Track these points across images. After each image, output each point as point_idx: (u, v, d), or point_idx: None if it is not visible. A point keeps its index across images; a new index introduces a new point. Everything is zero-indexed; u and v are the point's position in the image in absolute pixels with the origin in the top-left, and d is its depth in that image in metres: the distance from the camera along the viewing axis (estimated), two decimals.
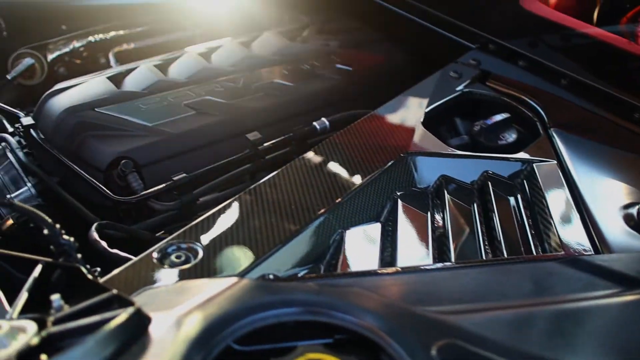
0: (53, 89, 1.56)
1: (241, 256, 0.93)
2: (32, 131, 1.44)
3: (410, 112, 1.39)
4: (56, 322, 0.68)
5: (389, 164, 1.18)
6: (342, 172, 1.16)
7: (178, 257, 0.92)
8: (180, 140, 1.47)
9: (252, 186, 1.11)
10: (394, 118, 1.37)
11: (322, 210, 1.04)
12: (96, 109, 1.47)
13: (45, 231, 0.89)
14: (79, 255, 0.92)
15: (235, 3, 2.37)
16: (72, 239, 0.91)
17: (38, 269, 0.85)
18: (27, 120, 1.45)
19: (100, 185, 1.34)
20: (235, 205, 1.05)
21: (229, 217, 1.02)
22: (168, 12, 2.35)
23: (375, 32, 2.05)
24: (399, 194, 1.14)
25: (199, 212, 1.39)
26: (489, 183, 1.20)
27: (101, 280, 0.87)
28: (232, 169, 1.45)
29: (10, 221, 1.35)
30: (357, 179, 1.14)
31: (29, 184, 1.42)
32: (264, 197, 1.07)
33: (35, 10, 2.05)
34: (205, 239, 0.96)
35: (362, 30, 2.05)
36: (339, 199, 1.07)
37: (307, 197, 1.07)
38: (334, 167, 1.17)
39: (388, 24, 2.06)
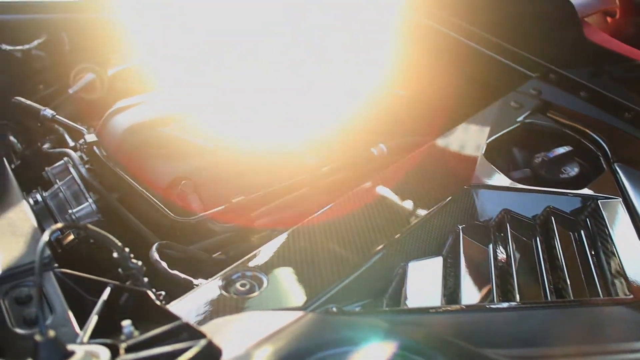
0: (116, 107, 1.59)
1: (305, 287, 0.93)
2: (95, 148, 1.47)
3: (471, 142, 1.38)
4: (128, 350, 0.69)
5: (451, 196, 1.17)
6: (404, 203, 1.15)
7: (243, 285, 0.92)
8: (241, 160, 1.48)
9: (313, 215, 1.11)
10: (455, 148, 1.36)
11: (385, 243, 1.04)
12: (158, 129, 1.49)
13: (115, 254, 0.91)
14: (145, 279, 0.93)
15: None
16: (140, 262, 0.92)
17: (107, 292, 0.87)
18: (90, 137, 1.48)
19: (160, 204, 1.35)
20: (298, 234, 1.05)
21: (292, 246, 1.02)
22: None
23: (432, 56, 2.05)
24: (460, 227, 1.13)
25: (255, 235, 1.41)
26: (552, 219, 1.18)
27: (168, 305, 0.88)
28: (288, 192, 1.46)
29: (71, 236, 1.38)
30: (419, 211, 1.13)
31: (90, 200, 1.45)
32: (325, 227, 1.08)
33: (98, 26, 2.09)
34: (269, 267, 0.96)
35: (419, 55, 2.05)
36: (402, 232, 1.07)
37: (369, 228, 1.07)
38: (395, 197, 1.17)
39: (445, 49, 2.06)
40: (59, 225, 0.81)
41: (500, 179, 1.27)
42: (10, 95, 1.72)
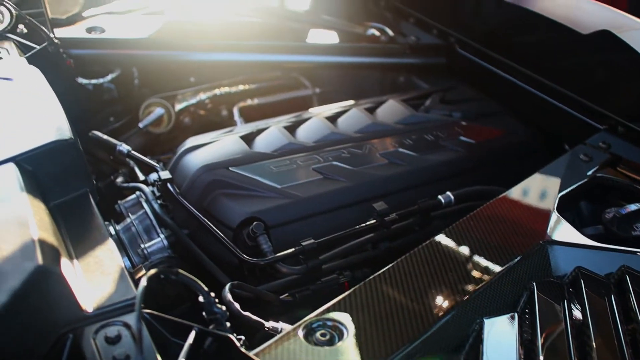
0: (188, 145, 1.63)
1: (383, 341, 0.94)
2: (168, 185, 1.50)
3: (542, 195, 1.38)
4: None
5: (525, 251, 1.17)
6: (478, 257, 1.15)
7: (323, 335, 0.94)
8: (308, 204, 1.50)
9: (388, 267, 1.11)
10: (526, 200, 1.36)
11: (460, 298, 1.04)
12: (230, 168, 1.53)
13: (201, 298, 0.93)
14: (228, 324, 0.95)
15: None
16: (224, 307, 0.94)
17: (192, 336, 0.89)
18: (165, 174, 1.52)
19: (231, 244, 1.38)
20: (375, 286, 1.06)
21: (369, 297, 1.03)
22: (290, 70, 2.43)
23: (497, 103, 2.06)
24: (534, 283, 1.12)
25: (322, 278, 1.42)
26: (627, 278, 1.16)
27: (251, 352, 0.89)
28: (355, 237, 1.47)
29: (143, 271, 1.41)
30: (493, 266, 1.13)
31: (161, 236, 1.48)
32: (400, 279, 1.08)
33: (167, 62, 2.15)
34: (348, 318, 0.97)
35: (484, 101, 2.06)
36: (477, 287, 1.07)
37: (443, 282, 1.08)
38: (468, 251, 1.17)
39: (510, 96, 2.07)
40: (154, 270, 0.83)
41: (573, 235, 1.26)
42: (81, 126, 1.79)
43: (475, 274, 1.11)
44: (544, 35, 2.02)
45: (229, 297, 1.19)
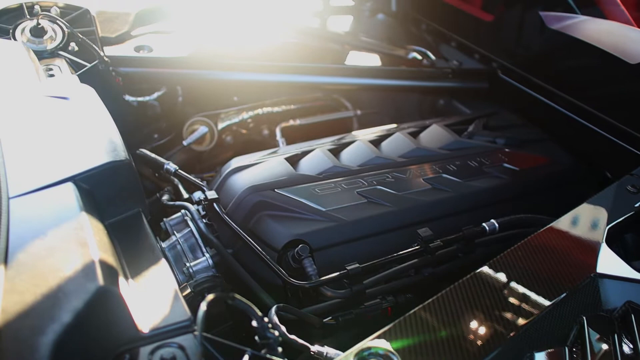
0: (235, 166, 1.65)
1: None
2: (215, 205, 1.52)
3: (590, 227, 1.37)
4: None
5: (575, 284, 1.16)
6: (526, 290, 1.14)
7: None
8: (352, 227, 1.51)
9: (436, 296, 1.11)
10: (574, 232, 1.34)
11: (510, 331, 1.04)
12: (276, 190, 1.54)
13: (254, 323, 0.94)
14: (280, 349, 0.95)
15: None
16: (277, 333, 0.95)
17: (245, 359, 0.90)
18: (211, 194, 1.54)
19: (277, 265, 1.39)
20: (423, 316, 1.06)
21: (419, 326, 1.03)
22: (331, 92, 2.45)
23: (540, 130, 2.05)
24: (584, 317, 1.11)
25: (365, 302, 1.42)
26: None
27: None
28: (398, 262, 1.47)
29: (188, 290, 1.43)
30: (542, 299, 1.12)
31: (207, 255, 1.50)
32: (449, 310, 1.08)
33: (211, 81, 2.18)
34: (399, 347, 0.97)
35: (527, 128, 2.05)
36: (527, 320, 1.06)
37: (493, 315, 1.07)
38: (516, 283, 1.16)
39: (552, 123, 2.06)
40: (212, 295, 0.84)
41: (623, 268, 1.25)
42: (127, 142, 1.82)
43: (524, 306, 1.10)
44: (589, 62, 2.02)
45: (276, 319, 1.20)
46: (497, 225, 1.53)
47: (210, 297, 0.83)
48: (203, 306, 0.80)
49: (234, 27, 2.49)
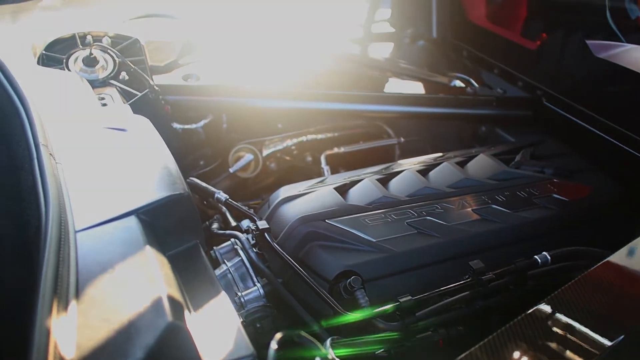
0: (284, 196, 1.66)
1: None
2: (266, 235, 1.53)
3: None
4: None
5: (637, 325, 1.14)
6: (585, 330, 1.13)
7: None
8: (402, 258, 1.51)
9: (491, 336, 1.10)
10: (632, 266, 1.33)
11: None
12: (326, 220, 1.55)
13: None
14: None
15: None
16: None
17: None
18: (262, 224, 1.55)
19: (329, 297, 1.39)
20: (478, 355, 1.05)
21: None
22: (374, 119, 2.46)
23: (586, 159, 2.03)
24: None
25: (417, 335, 1.42)
26: None
27: None
28: (449, 293, 1.46)
29: (241, 319, 1.44)
30: (602, 339, 1.11)
31: (258, 284, 1.51)
32: (507, 350, 1.07)
33: (256, 109, 2.21)
34: None
35: (574, 157, 2.04)
36: None
37: (550, 356, 1.06)
38: (574, 322, 1.14)
39: (600, 152, 2.04)
40: (281, 334, 0.85)
41: None
42: None
43: (584, 347, 1.09)
44: (635, 90, 2.00)
45: (332, 353, 1.20)
46: (549, 257, 1.51)
47: (278, 335, 0.83)
48: (274, 345, 0.81)
49: (277, 55, 2.52)
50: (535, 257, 1.51)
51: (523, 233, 1.65)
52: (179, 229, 1.20)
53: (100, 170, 1.27)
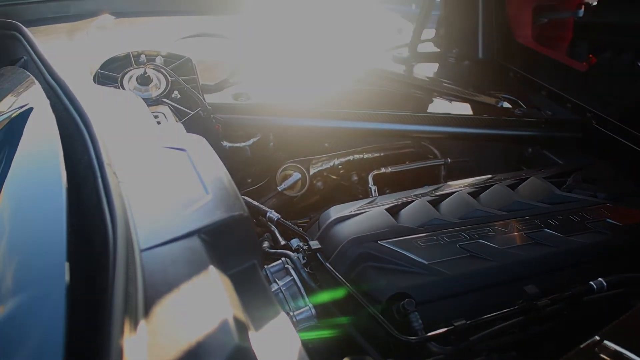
0: (335, 216, 1.67)
1: None
2: (318, 255, 1.54)
3: None
4: None
5: None
6: None
7: None
8: (455, 282, 1.50)
9: None
10: None
11: None
12: (378, 242, 1.55)
13: None
14: None
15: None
16: None
17: None
18: (314, 244, 1.56)
19: (383, 319, 1.39)
20: None
21: None
22: (420, 139, 2.46)
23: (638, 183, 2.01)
24: None
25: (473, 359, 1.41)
26: None
27: None
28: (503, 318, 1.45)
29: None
30: None
31: (310, 304, 1.51)
32: None
33: (303, 128, 2.23)
34: None
35: (625, 181, 2.01)
36: None
37: None
38: (634, 356, 1.13)
39: None
40: (348, 359, 0.86)
41: None
42: None
43: None
44: None
45: None
46: (605, 283, 1.49)
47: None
48: None
49: (324, 75, 2.54)
50: (591, 282, 1.50)
51: (577, 258, 1.63)
52: (238, 249, 1.21)
53: (160, 190, 1.29)
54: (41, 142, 1.36)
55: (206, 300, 0.97)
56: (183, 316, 0.94)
